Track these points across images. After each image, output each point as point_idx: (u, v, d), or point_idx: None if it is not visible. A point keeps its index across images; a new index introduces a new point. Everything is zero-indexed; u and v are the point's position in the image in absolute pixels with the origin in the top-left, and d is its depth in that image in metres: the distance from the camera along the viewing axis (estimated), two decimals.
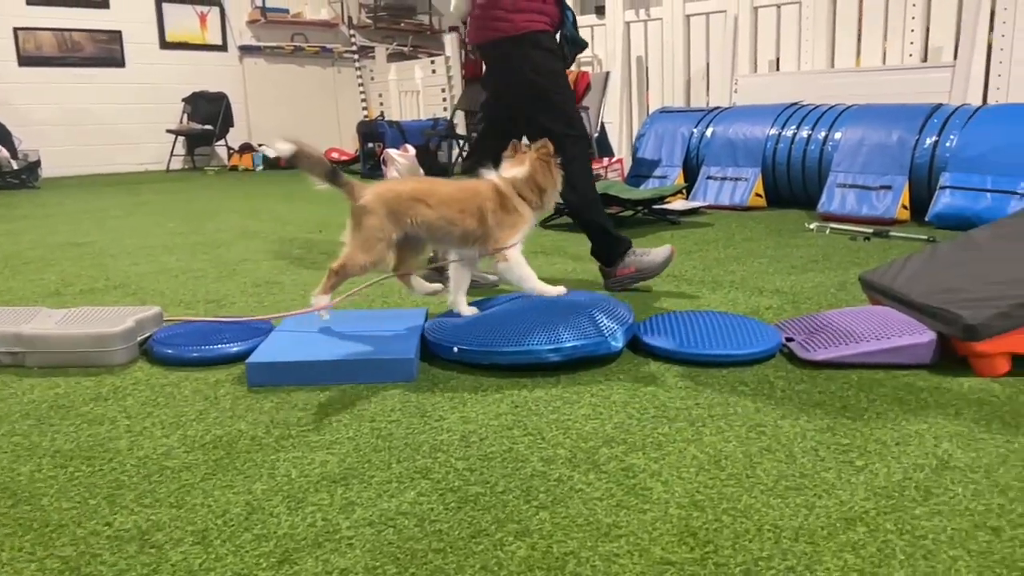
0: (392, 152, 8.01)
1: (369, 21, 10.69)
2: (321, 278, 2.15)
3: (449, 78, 9.50)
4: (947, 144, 4.25)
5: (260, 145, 9.86)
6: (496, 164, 2.29)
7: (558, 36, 2.78)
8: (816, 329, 2.08)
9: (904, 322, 1.99)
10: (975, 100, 5.02)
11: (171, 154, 9.41)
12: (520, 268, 2.21)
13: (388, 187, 2.15)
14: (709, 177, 5.19)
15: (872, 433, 1.55)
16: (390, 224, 2.10)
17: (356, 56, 10.53)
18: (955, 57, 5.15)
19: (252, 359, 1.92)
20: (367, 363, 1.90)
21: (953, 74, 5.07)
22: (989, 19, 5.07)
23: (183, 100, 9.48)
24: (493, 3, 2.66)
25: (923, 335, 1.93)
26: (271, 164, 9.69)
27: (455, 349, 2.01)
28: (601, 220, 2.78)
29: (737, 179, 5.05)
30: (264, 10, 9.99)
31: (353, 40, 10.54)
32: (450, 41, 9.68)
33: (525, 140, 2.50)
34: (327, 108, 10.68)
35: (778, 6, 6.13)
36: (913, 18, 5.41)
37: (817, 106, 5.11)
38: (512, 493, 1.35)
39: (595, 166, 5.53)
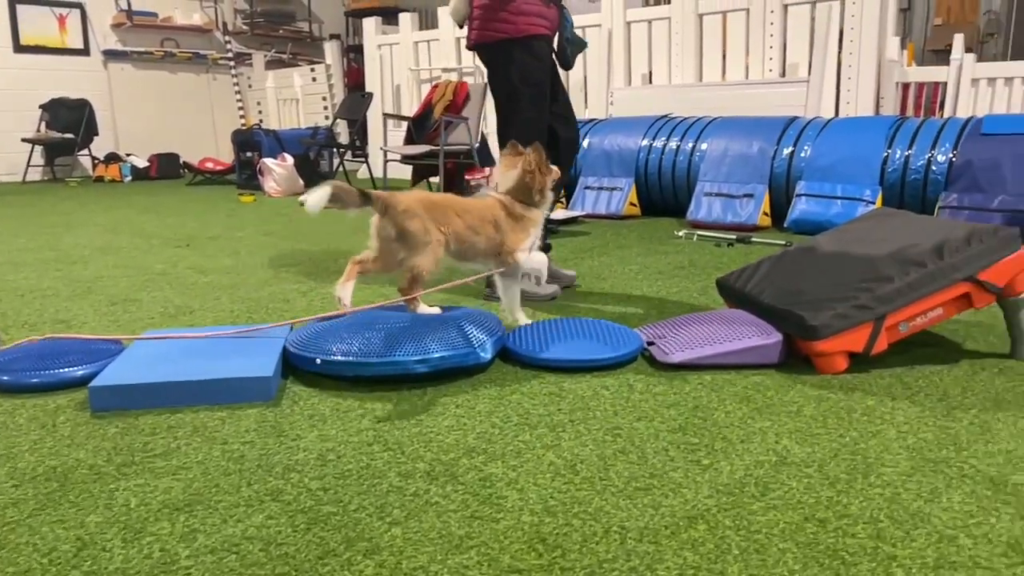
0: (269, 161, 7.78)
1: (245, 27, 10.36)
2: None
3: (330, 86, 9.33)
4: (802, 154, 4.52)
5: (128, 155, 9.37)
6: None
7: (556, 40, 2.76)
8: (674, 332, 2.16)
9: (754, 324, 2.09)
10: (828, 112, 5.37)
11: (28, 164, 8.77)
12: (532, 257, 2.32)
13: (422, 195, 2.22)
14: (586, 187, 5.31)
15: (720, 432, 1.62)
16: (432, 226, 2.16)
17: (232, 63, 10.18)
18: (809, 72, 5.49)
19: (95, 383, 1.81)
20: (221, 383, 1.82)
21: (808, 88, 5.41)
22: (838, 38, 5.44)
23: (40, 107, 8.87)
24: (498, 5, 2.64)
25: (771, 336, 2.03)
26: (140, 175, 9.22)
27: (317, 361, 1.96)
28: None
29: (613, 189, 5.20)
30: (130, 13, 9.49)
31: (229, 47, 10.19)
32: (331, 48, 9.52)
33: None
34: (202, 116, 10.26)
35: (649, 21, 6.36)
36: (772, 36, 5.73)
37: (686, 118, 5.32)
38: (366, 511, 1.33)
39: (477, 176, 5.55)
